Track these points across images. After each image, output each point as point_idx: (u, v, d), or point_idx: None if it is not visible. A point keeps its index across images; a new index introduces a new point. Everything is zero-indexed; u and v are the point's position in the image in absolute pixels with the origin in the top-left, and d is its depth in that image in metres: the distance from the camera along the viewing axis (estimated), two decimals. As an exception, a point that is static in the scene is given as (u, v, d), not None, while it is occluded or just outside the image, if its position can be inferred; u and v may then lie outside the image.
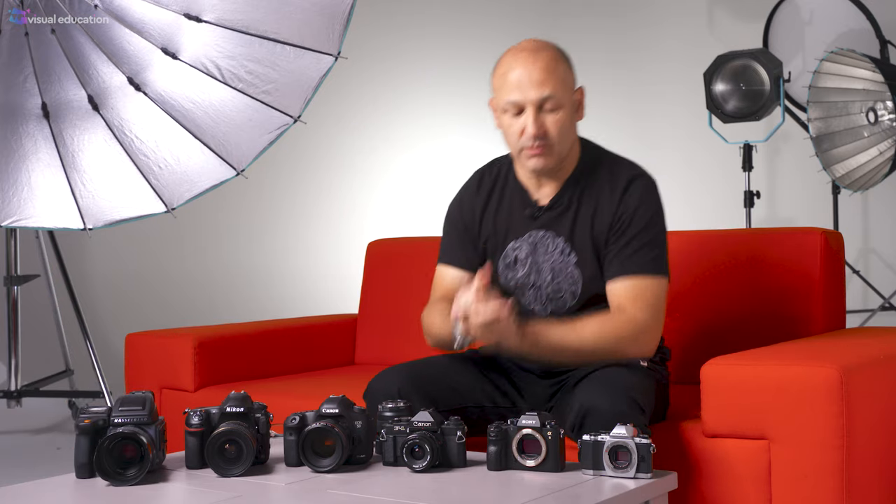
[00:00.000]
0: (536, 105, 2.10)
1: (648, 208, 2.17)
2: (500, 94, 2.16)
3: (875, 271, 4.86)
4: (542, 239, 2.20)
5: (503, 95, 2.14)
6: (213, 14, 3.63)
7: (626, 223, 2.14)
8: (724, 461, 2.06)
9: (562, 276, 2.19)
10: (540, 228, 2.21)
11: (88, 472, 1.89)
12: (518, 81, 2.11)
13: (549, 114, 2.12)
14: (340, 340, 3.34)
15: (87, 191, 3.67)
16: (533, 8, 5.70)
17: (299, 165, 5.88)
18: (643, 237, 2.14)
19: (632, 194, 2.16)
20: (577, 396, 2.02)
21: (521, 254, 2.22)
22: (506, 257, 2.24)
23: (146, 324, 4.03)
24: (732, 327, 2.61)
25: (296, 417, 1.94)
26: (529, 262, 2.21)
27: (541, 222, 2.21)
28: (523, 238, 2.22)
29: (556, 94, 2.11)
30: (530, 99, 2.10)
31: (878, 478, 2.12)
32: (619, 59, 5.43)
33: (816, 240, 2.57)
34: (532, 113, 2.11)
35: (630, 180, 2.18)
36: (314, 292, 5.72)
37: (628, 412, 1.95)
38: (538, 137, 2.11)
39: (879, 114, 4.34)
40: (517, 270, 2.22)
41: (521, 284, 2.22)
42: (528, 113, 2.11)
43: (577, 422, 1.98)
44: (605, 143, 2.33)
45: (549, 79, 2.10)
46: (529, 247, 2.21)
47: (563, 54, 2.18)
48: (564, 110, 2.13)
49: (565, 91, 2.13)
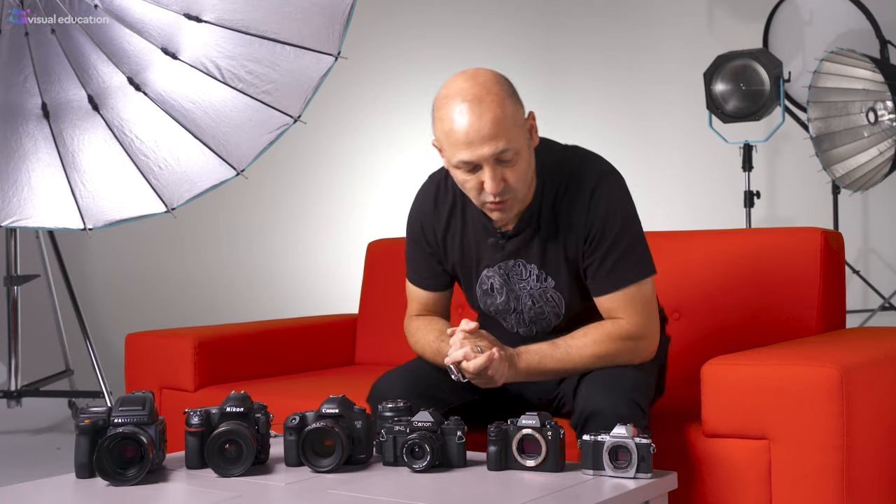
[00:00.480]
0: (492, 160, 1.92)
1: (618, 212, 2.04)
2: (448, 151, 1.96)
3: (875, 271, 4.86)
4: (514, 268, 2.12)
5: (452, 153, 1.94)
6: (213, 14, 3.63)
7: (600, 235, 2.04)
8: (724, 461, 2.06)
9: (542, 301, 2.13)
10: (509, 258, 2.11)
11: (88, 472, 1.89)
12: (467, 139, 1.90)
13: (507, 165, 1.94)
14: (340, 340, 3.34)
15: (87, 191, 3.67)
16: (533, 8, 5.70)
17: (299, 165, 5.88)
18: (621, 245, 2.05)
19: (599, 203, 2.03)
20: (580, 398, 2.01)
21: (496, 283, 2.15)
22: (482, 284, 2.17)
23: (146, 324, 4.03)
24: (732, 327, 2.61)
25: (296, 417, 1.94)
26: (506, 291, 2.15)
27: (508, 251, 2.11)
28: (494, 269, 2.14)
29: (511, 146, 1.92)
30: (484, 156, 1.91)
31: (878, 478, 2.12)
32: (619, 58, 5.43)
33: (816, 240, 2.57)
34: (489, 170, 1.93)
35: (592, 189, 2.04)
36: (314, 292, 5.72)
37: (629, 413, 1.95)
38: (500, 193, 1.95)
39: (879, 114, 4.34)
40: (495, 297, 2.17)
41: (502, 310, 2.18)
42: (486, 170, 1.93)
43: (580, 423, 1.98)
44: (605, 143, 2.31)
45: (500, 131, 1.90)
46: (502, 277, 2.14)
47: (506, 88, 1.96)
48: (521, 156, 1.95)
49: (519, 136, 1.95)
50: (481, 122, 1.90)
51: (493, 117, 1.91)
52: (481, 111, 1.91)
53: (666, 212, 4.77)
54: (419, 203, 2.26)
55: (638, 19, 5.42)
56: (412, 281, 2.31)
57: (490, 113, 1.91)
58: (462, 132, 1.92)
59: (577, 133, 4.68)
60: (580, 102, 5.40)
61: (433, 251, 2.23)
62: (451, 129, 1.93)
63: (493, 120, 1.90)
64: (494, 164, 1.93)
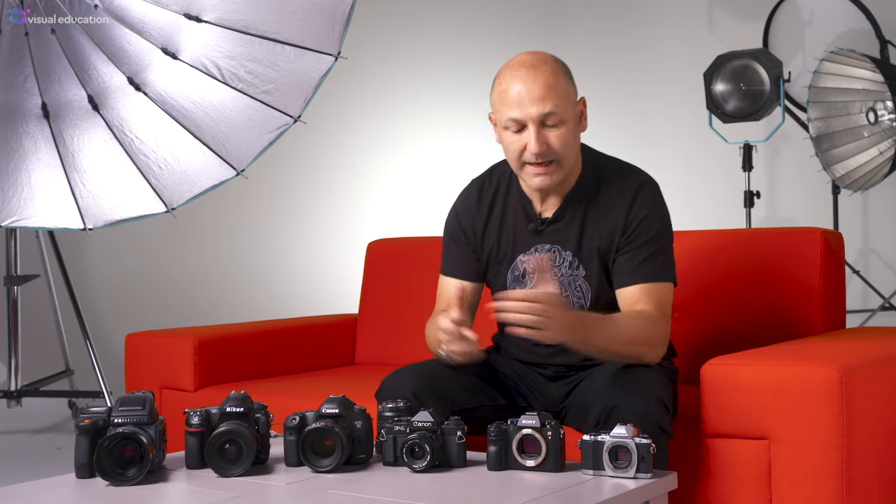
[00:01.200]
0: (538, 121, 2.06)
1: (657, 216, 2.14)
2: (500, 111, 2.11)
3: (875, 271, 4.86)
4: (549, 253, 2.18)
5: (503, 112, 2.09)
6: (213, 14, 3.63)
7: (636, 231, 2.12)
8: (724, 461, 2.06)
9: (570, 290, 2.17)
10: (546, 242, 2.18)
11: (88, 472, 1.89)
12: (518, 98, 2.06)
13: (552, 129, 2.07)
14: (340, 340, 3.34)
15: (87, 191, 3.67)
16: (533, 8, 5.70)
17: (299, 165, 5.88)
18: (653, 245, 2.12)
19: (641, 203, 2.14)
20: (599, 396, 2.01)
21: (530, 267, 2.19)
22: (514, 270, 2.21)
23: (146, 324, 4.03)
24: (732, 327, 2.61)
25: (296, 417, 1.94)
26: (537, 276, 2.17)
27: (546, 236, 2.18)
28: (529, 253, 2.19)
29: (557, 110, 2.06)
30: (531, 115, 2.05)
31: (878, 478, 2.12)
32: (619, 58, 5.44)
33: (816, 240, 2.57)
34: (534, 130, 2.06)
35: (637, 189, 2.15)
36: (314, 292, 5.72)
37: (655, 411, 1.95)
38: (541, 154, 2.07)
39: (879, 114, 4.34)
40: (525, 284, 2.19)
41: None
42: (531, 130, 2.06)
43: (599, 421, 1.97)
44: (605, 143, 2.32)
45: (550, 94, 2.05)
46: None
47: (563, 66, 2.12)
48: (567, 125, 2.08)
49: (567, 105, 2.08)
50: (534, 85, 2.05)
51: (545, 81, 2.06)
52: (535, 76, 2.06)
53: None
54: (462, 200, 2.31)
55: (638, 19, 5.42)
56: (444, 271, 2.32)
57: (542, 78, 2.06)
58: (514, 91, 2.06)
59: (577, 133, 4.64)
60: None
61: (468, 242, 2.27)
62: (505, 89, 2.09)
63: (544, 84, 2.06)
64: (540, 125, 2.06)
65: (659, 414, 1.96)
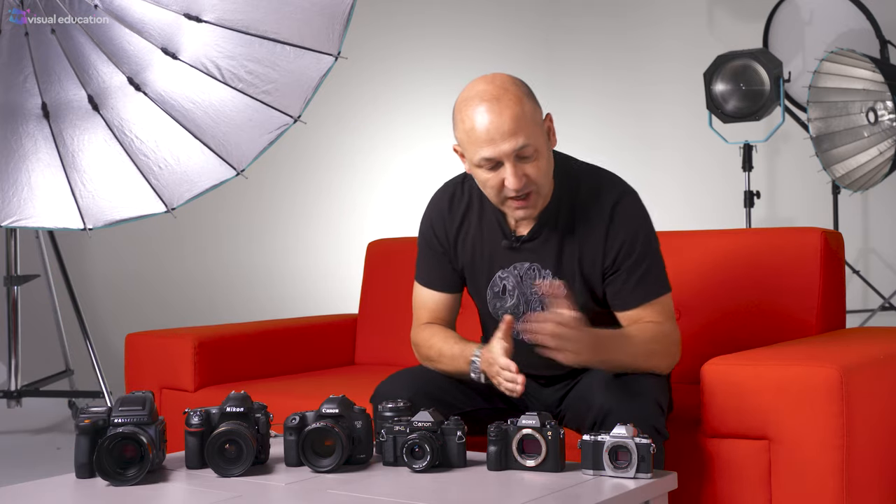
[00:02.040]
0: (513, 157, 1.96)
1: (640, 230, 2.09)
2: (470, 150, 2.01)
3: (875, 271, 4.86)
4: (528, 271, 2.13)
5: (474, 151, 1.99)
6: (213, 14, 3.63)
7: (622, 253, 2.07)
8: (724, 461, 2.06)
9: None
10: (524, 260, 2.13)
11: (88, 472, 1.89)
12: (488, 136, 1.95)
13: (528, 162, 1.98)
14: (340, 340, 3.34)
15: (87, 191, 3.67)
16: (533, 8, 5.70)
17: (299, 165, 5.88)
18: (643, 262, 2.08)
19: (620, 222, 2.07)
20: (595, 398, 2.00)
21: (510, 284, 2.15)
22: (493, 286, 2.17)
23: (146, 324, 4.03)
24: (732, 327, 2.61)
25: (296, 417, 1.94)
26: (517, 294, 2.15)
27: (524, 254, 2.13)
28: (508, 269, 2.15)
29: (530, 141, 1.96)
30: (505, 152, 1.95)
31: (878, 478, 2.12)
32: (618, 58, 5.44)
33: (816, 240, 2.57)
34: (510, 166, 1.96)
35: (614, 204, 2.08)
36: (314, 292, 5.72)
37: (650, 413, 1.95)
38: (522, 189, 1.98)
39: (879, 114, 4.34)
40: (506, 300, 2.17)
41: (512, 314, 2.15)
42: (507, 166, 1.97)
43: (595, 423, 1.97)
44: (605, 143, 2.32)
45: (519, 126, 1.95)
46: (515, 279, 2.14)
47: (524, 88, 2.01)
48: (541, 153, 1.99)
49: (538, 132, 1.99)
50: (501, 119, 1.95)
51: (511, 114, 1.96)
52: (500, 109, 1.96)
53: (666, 212, 4.75)
54: (434, 205, 2.26)
55: (638, 19, 5.42)
56: (422, 282, 2.27)
57: (509, 110, 1.96)
58: (483, 130, 1.97)
59: (577, 133, 4.70)
60: (580, 102, 5.39)
61: (444, 251, 2.22)
62: (472, 127, 1.99)
63: (512, 117, 1.95)
64: (515, 160, 1.97)
65: (655, 416, 1.96)
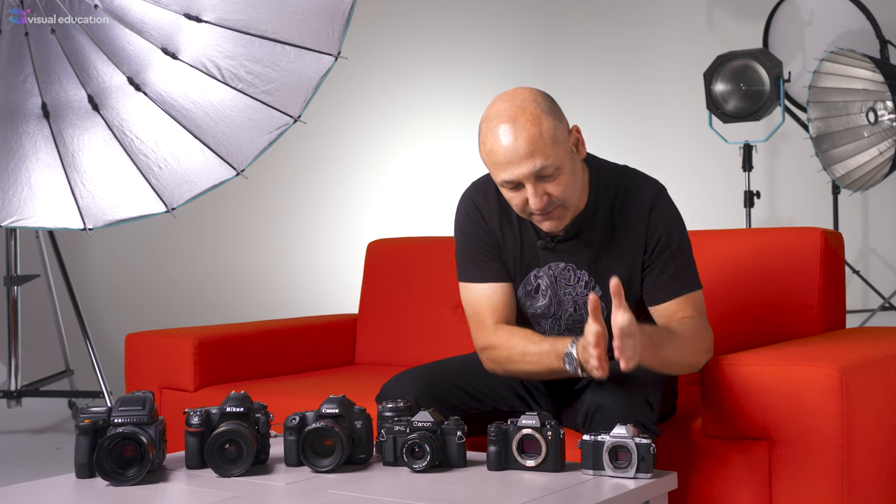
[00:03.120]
0: (532, 178, 1.96)
1: (675, 225, 2.11)
2: (492, 171, 2.02)
3: (875, 271, 4.86)
4: (563, 271, 2.12)
5: (496, 174, 2.00)
6: (213, 14, 3.63)
7: (658, 247, 2.09)
8: (724, 461, 2.06)
9: (585, 309, 2.11)
10: (560, 260, 2.12)
11: (88, 472, 1.89)
12: (506, 159, 1.95)
13: (550, 181, 1.97)
14: (340, 340, 3.34)
15: (87, 191, 3.67)
16: (533, 8, 5.70)
17: (299, 165, 5.88)
18: (678, 256, 2.10)
19: (658, 217, 2.09)
20: (587, 394, 2.02)
21: (543, 284, 2.15)
22: (527, 284, 2.16)
23: (146, 324, 4.03)
24: (732, 327, 2.61)
25: (296, 417, 1.94)
26: (550, 294, 2.15)
27: (559, 254, 2.12)
28: (544, 269, 2.13)
29: (548, 162, 1.95)
30: (523, 175, 1.95)
31: (878, 478, 2.12)
32: (618, 58, 5.44)
33: (816, 240, 2.57)
34: (531, 187, 1.97)
35: (653, 202, 2.10)
36: (314, 292, 5.72)
37: (638, 409, 1.95)
38: (544, 207, 1.99)
39: (879, 114, 4.34)
40: (537, 300, 2.16)
41: (541, 314, 2.17)
42: (528, 187, 1.97)
43: (586, 418, 1.98)
44: (605, 143, 2.32)
45: (536, 149, 1.94)
46: (550, 279, 2.14)
47: (545, 105, 1.99)
48: (563, 170, 1.98)
49: (557, 151, 1.97)
50: (517, 143, 1.95)
51: (527, 136, 1.95)
52: (516, 131, 1.95)
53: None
54: (469, 200, 2.20)
55: (638, 19, 5.42)
56: (476, 279, 2.17)
57: (525, 132, 1.95)
58: (500, 153, 1.97)
59: (577, 133, 4.65)
60: (580, 102, 5.39)
61: (493, 241, 2.17)
62: (491, 150, 1.99)
63: (528, 139, 1.94)
64: (535, 181, 1.97)
65: (644, 413, 1.96)
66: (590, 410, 1.98)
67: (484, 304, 2.15)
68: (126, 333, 3.12)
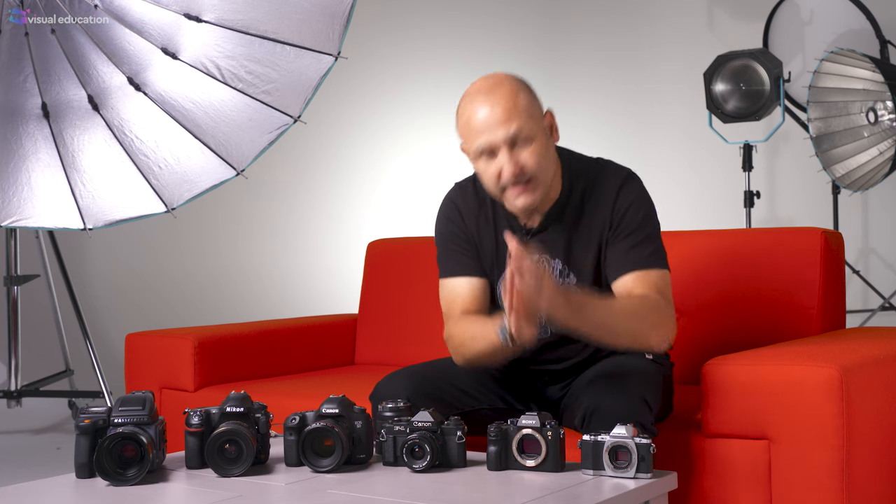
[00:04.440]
0: (508, 143, 2.03)
1: (641, 206, 2.13)
2: (468, 141, 2.09)
3: (875, 271, 4.86)
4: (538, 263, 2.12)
5: (472, 142, 2.07)
6: (213, 14, 3.63)
7: (623, 221, 2.11)
8: (724, 461, 2.06)
9: None
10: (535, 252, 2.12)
11: (88, 472, 1.89)
12: (483, 124, 2.04)
13: (523, 149, 2.04)
14: (340, 340, 3.34)
15: (87, 191, 3.67)
16: (533, 8, 5.70)
17: (299, 165, 5.89)
18: (641, 232, 2.11)
19: (624, 196, 2.12)
20: (584, 395, 2.02)
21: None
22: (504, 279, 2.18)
23: (146, 324, 4.03)
24: (732, 327, 2.61)
25: (296, 417, 1.94)
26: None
27: (534, 246, 2.14)
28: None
29: (524, 128, 2.03)
30: (499, 138, 2.03)
31: (878, 478, 2.12)
32: (618, 58, 5.44)
33: (816, 240, 2.57)
34: (506, 152, 2.03)
35: (620, 184, 2.13)
36: (314, 292, 5.72)
37: (636, 409, 1.95)
38: (517, 175, 2.04)
39: (879, 114, 4.34)
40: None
41: None
42: (502, 153, 2.04)
43: (584, 419, 1.98)
44: (605, 143, 2.33)
45: (512, 115, 2.03)
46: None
47: (522, 84, 2.09)
48: (538, 140, 2.05)
49: (532, 122, 2.05)
50: (494, 109, 2.04)
51: (505, 104, 2.04)
52: (494, 100, 2.05)
53: (666, 212, 4.75)
54: (449, 201, 2.27)
55: (638, 19, 5.42)
56: (450, 274, 2.23)
57: (502, 100, 2.04)
58: (477, 120, 2.05)
59: (577, 133, 4.68)
60: (580, 102, 5.40)
61: (468, 238, 2.22)
62: (468, 119, 2.08)
63: (505, 106, 2.04)
64: (510, 147, 2.04)
65: (642, 413, 1.95)
66: (588, 411, 1.98)
67: (455, 297, 2.21)
68: (126, 333, 3.12)
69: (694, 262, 2.70)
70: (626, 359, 2.15)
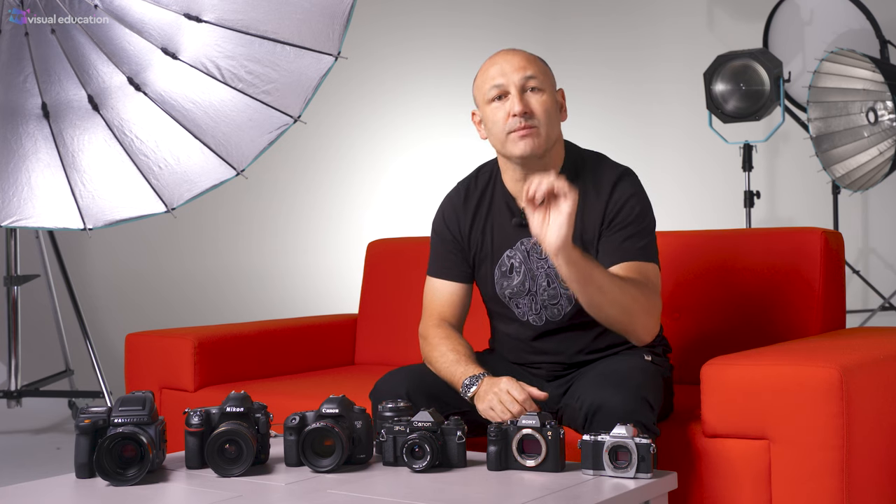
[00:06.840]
0: (520, 87, 2.13)
1: (637, 202, 2.17)
2: (483, 89, 2.19)
3: (875, 271, 4.86)
4: (534, 246, 2.19)
5: (486, 87, 2.17)
6: (213, 14, 3.63)
7: (618, 215, 2.15)
8: (724, 461, 2.06)
9: (557, 281, 2.18)
10: (530, 236, 2.15)
11: (88, 472, 1.89)
12: (499, 70, 2.16)
13: (534, 95, 2.14)
14: (340, 340, 3.34)
15: (87, 191, 3.67)
16: (533, 8, 5.70)
17: (299, 165, 5.89)
18: (635, 226, 2.14)
19: (620, 191, 2.17)
20: (587, 394, 2.02)
21: (516, 261, 2.22)
22: (501, 266, 2.24)
23: (146, 324, 4.03)
24: (732, 327, 2.61)
25: (296, 417, 1.94)
26: (524, 270, 2.21)
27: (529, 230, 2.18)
28: (515, 247, 2.22)
29: (538, 76, 2.15)
30: (514, 80, 2.14)
31: (878, 478, 2.12)
32: (619, 58, 5.44)
33: (816, 240, 2.57)
34: (516, 93, 2.13)
35: (617, 179, 2.18)
36: (314, 292, 5.72)
37: (639, 409, 1.95)
38: (524, 116, 2.12)
39: (879, 114, 4.34)
40: (512, 279, 2.22)
41: (517, 292, 2.22)
42: (513, 94, 2.13)
43: (587, 419, 1.98)
44: (605, 143, 2.33)
45: (529, 64, 2.16)
46: (522, 255, 2.21)
47: (538, 57, 2.22)
48: (548, 94, 2.15)
49: (546, 78, 2.17)
50: (513, 58, 2.17)
51: (523, 55, 2.18)
52: (513, 53, 2.19)
53: (666, 212, 4.76)
54: (449, 201, 2.34)
55: (638, 19, 5.42)
56: (435, 273, 2.32)
57: (521, 53, 2.19)
58: (495, 67, 2.17)
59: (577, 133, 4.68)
60: (580, 102, 5.39)
61: (457, 242, 2.29)
62: (487, 69, 2.19)
63: (523, 56, 2.18)
64: (521, 91, 2.14)
65: (644, 413, 1.96)
66: (590, 411, 1.98)
67: (435, 297, 2.30)
68: (126, 333, 3.12)
69: (694, 261, 2.70)
70: (626, 359, 2.15)
